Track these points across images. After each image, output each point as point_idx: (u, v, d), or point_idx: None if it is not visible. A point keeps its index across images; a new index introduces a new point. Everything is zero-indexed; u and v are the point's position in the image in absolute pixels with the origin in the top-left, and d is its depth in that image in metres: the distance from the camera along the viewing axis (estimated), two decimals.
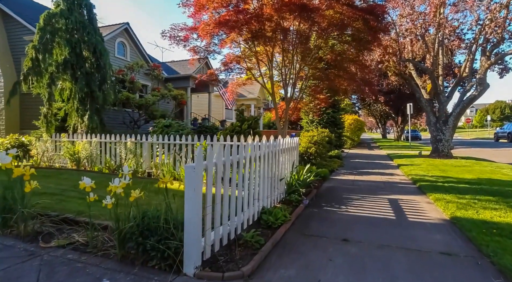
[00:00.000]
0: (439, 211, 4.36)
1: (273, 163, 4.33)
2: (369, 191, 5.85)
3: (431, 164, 10.04)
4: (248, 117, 6.78)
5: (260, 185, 3.80)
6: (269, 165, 4.12)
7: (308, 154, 8.64)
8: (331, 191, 5.90)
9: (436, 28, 11.28)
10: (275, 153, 4.42)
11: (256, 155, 3.65)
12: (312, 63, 7.00)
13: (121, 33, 13.65)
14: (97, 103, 8.66)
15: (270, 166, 4.15)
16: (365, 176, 7.82)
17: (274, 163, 4.39)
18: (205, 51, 7.07)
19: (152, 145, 7.10)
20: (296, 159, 5.74)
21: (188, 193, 2.30)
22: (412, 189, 6.16)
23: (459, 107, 11.58)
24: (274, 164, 4.38)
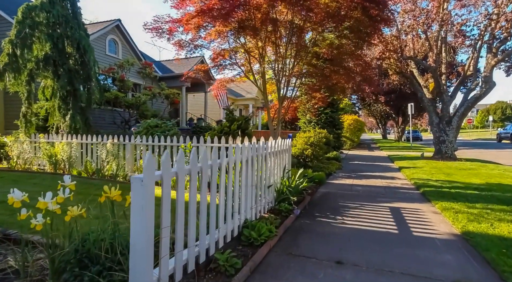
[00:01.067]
0: (448, 224, 3.85)
1: (259, 169, 3.83)
2: (368, 198, 5.35)
3: (434, 166, 9.53)
4: (238, 117, 6.28)
5: (242, 195, 3.30)
6: (254, 171, 3.62)
7: (304, 156, 8.15)
8: (326, 197, 5.40)
9: (439, 24, 10.77)
10: (262, 157, 3.92)
11: (237, 160, 3.15)
12: (305, 58, 6.45)
13: (112, 30, 13.17)
14: (81, 102, 8.16)
15: (255, 172, 3.65)
16: (365, 180, 7.32)
17: (260, 168, 3.89)
18: (191, 45, 6.57)
19: (136, 147, 6.61)
20: (288, 163, 5.24)
21: (135, 213, 1.80)
22: (416, 195, 5.65)
23: (463, 107, 11.07)
24: (260, 169, 3.88)
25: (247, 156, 3.44)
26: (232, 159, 3.04)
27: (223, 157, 2.86)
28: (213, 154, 2.79)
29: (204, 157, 2.54)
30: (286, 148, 5.12)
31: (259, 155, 3.79)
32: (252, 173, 3.56)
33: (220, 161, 2.81)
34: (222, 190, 2.84)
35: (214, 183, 2.67)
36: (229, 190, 3.00)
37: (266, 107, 7.25)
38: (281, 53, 6.32)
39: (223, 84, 7.43)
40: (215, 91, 7.38)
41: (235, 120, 6.13)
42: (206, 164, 2.54)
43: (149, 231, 1.84)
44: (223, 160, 2.85)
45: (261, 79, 7.02)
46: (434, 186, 6.24)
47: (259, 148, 3.80)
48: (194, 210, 2.37)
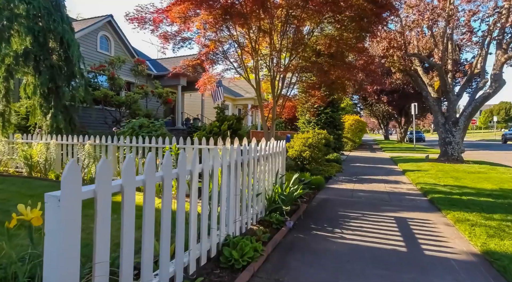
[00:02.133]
0: (464, 239, 3.32)
1: (247, 175, 3.32)
2: (371, 206, 4.82)
3: (440, 169, 8.98)
4: (229, 116, 5.78)
5: (223, 206, 2.79)
6: (239, 178, 3.11)
7: (302, 158, 7.63)
8: (324, 205, 4.87)
9: (446, 20, 10.22)
10: (250, 161, 3.41)
11: (215, 167, 2.63)
12: (302, 53, 5.89)
13: (104, 26, 12.69)
14: (64, 100, 7.67)
15: (240, 179, 3.14)
16: (367, 184, 6.79)
17: (247, 174, 3.38)
18: (177, 37, 6.05)
19: (119, 148, 6.11)
20: (282, 167, 4.72)
21: (50, 244, 1.29)
22: (423, 202, 5.12)
23: (471, 106, 10.51)
24: (247, 176, 3.37)
25: (230, 160, 2.93)
26: (208, 165, 2.53)
27: (194, 164, 2.35)
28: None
29: (172, 164, 2.03)
30: (280, 151, 4.60)
31: (245, 159, 3.28)
32: (236, 181, 3.05)
33: (191, 168, 2.30)
34: (193, 202, 2.32)
35: (181, 195, 2.15)
36: (205, 202, 2.49)
37: (259, 105, 6.71)
38: (275, 46, 5.80)
39: (211, 80, 6.90)
40: (203, 87, 6.83)
41: (226, 120, 5.61)
42: (169, 172, 2.02)
43: (74, 268, 1.34)
44: (195, 167, 2.34)
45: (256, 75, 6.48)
46: (442, 192, 5.70)
47: (246, 151, 3.29)
48: (152, 230, 1.85)
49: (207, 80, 6.78)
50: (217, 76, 6.95)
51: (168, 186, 2.00)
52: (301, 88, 7.91)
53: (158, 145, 5.71)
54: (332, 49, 5.57)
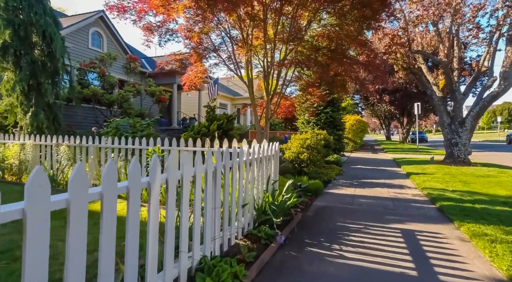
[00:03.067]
0: (485, 260, 2.83)
1: (229, 184, 2.84)
2: (374, 215, 4.33)
3: (447, 172, 8.48)
4: (219, 115, 5.31)
5: (196, 223, 2.31)
6: (218, 188, 2.63)
7: (299, 160, 7.15)
8: (322, 214, 4.39)
9: (452, 14, 9.71)
10: (233, 167, 2.94)
11: (184, 176, 2.16)
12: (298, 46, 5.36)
13: (95, 22, 12.23)
14: (48, 98, 7.21)
15: (220, 189, 2.66)
16: (368, 189, 6.30)
17: (231, 182, 2.90)
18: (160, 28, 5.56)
19: (100, 149, 5.65)
20: (274, 172, 4.23)
21: None
22: (432, 211, 4.63)
23: (478, 106, 9.99)
24: (229, 184, 2.89)
25: (207, 167, 2.45)
26: (174, 175, 2.04)
27: (154, 174, 1.86)
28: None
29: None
30: (272, 154, 4.12)
31: (227, 165, 2.80)
32: (215, 191, 2.58)
33: (149, 180, 1.82)
34: (151, 222, 1.84)
35: (133, 215, 1.67)
36: (169, 220, 2.01)
37: (252, 104, 6.22)
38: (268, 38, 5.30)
39: (198, 76, 6.39)
40: (188, 83, 6.31)
41: (216, 120, 5.14)
42: (111, 188, 1.54)
43: None
44: (155, 178, 1.86)
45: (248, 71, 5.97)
46: (452, 198, 5.21)
47: (228, 156, 2.81)
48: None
49: (193, 76, 6.28)
50: (205, 71, 6.44)
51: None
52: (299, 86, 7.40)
53: (142, 147, 5.24)
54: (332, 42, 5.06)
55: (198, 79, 6.42)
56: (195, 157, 2.39)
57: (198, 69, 6.24)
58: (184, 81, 6.60)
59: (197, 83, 6.52)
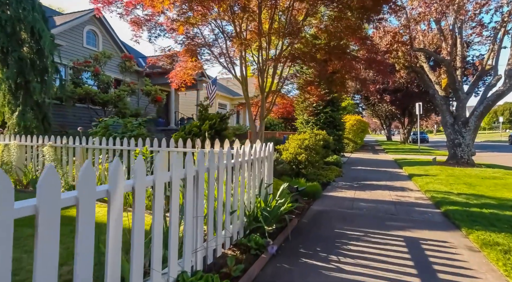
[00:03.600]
0: (498, 274, 2.55)
1: (213, 190, 2.57)
2: (375, 221, 4.06)
3: (450, 174, 8.19)
4: (211, 115, 5.04)
5: (173, 236, 2.04)
6: (200, 195, 2.36)
7: (297, 162, 6.87)
8: (319, 219, 4.11)
9: (455, 11, 9.43)
10: (221, 170, 2.67)
11: (156, 182, 1.88)
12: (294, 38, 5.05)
13: (90, 20, 11.99)
14: (37, 97, 6.96)
15: (201, 195, 2.39)
16: (369, 192, 6.03)
17: (215, 188, 2.63)
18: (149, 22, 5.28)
19: (88, 150, 5.38)
20: (268, 175, 3.96)
21: None
22: (437, 216, 4.35)
23: (483, 105, 9.70)
24: (215, 189, 2.62)
25: (187, 172, 2.18)
26: (142, 182, 1.77)
27: (115, 181, 1.59)
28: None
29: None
30: (265, 155, 3.85)
31: (212, 169, 2.53)
32: (196, 198, 2.31)
33: (110, 187, 1.55)
34: (111, 233, 1.57)
35: (83, 229, 1.40)
36: (136, 233, 1.74)
37: (247, 102, 5.93)
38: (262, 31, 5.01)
39: (187, 73, 6.08)
40: (176, 80, 5.98)
41: (208, 119, 4.87)
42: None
43: None
44: (117, 186, 1.58)
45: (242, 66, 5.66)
46: (457, 202, 4.93)
47: (213, 158, 2.54)
48: None
49: (182, 72, 5.97)
50: (196, 68, 6.11)
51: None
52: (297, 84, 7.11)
53: (129, 147, 4.97)
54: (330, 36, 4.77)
55: (187, 76, 6.10)
56: (185, 158, 2.15)
57: (187, 65, 5.93)
58: (171, 78, 6.28)
59: (187, 81, 6.20)
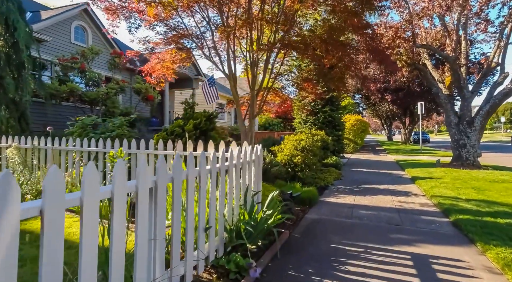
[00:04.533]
0: None
1: (178, 203, 2.09)
2: (376, 233, 3.58)
3: (456, 177, 7.72)
4: (197, 113, 4.57)
5: (114, 263, 1.56)
6: (161, 211, 1.89)
7: (293, 164, 6.40)
8: (314, 231, 3.64)
9: (460, 5, 8.95)
10: (190, 179, 2.19)
11: (86, 201, 1.40)
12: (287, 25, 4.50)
13: (79, 15, 11.50)
14: (11, 94, 6.49)
15: (161, 212, 1.91)
16: (370, 197, 5.55)
17: (183, 201, 2.16)
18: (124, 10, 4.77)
19: (61, 153, 4.91)
20: (257, 181, 3.48)
21: None
22: (446, 227, 3.87)
23: (489, 104, 9.23)
24: (182, 202, 2.15)
25: (138, 184, 1.70)
26: (55, 204, 1.29)
27: None
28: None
29: None
30: (252, 159, 3.37)
31: (178, 179, 2.06)
32: (155, 215, 1.84)
33: None
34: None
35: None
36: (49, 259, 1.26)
37: (235, 99, 5.42)
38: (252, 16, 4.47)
39: (166, 66, 5.52)
40: (156, 74, 5.43)
41: (192, 118, 4.40)
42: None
43: None
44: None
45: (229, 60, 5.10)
46: (468, 210, 4.45)
47: (179, 164, 2.07)
48: None
49: (159, 66, 5.42)
50: (178, 61, 5.57)
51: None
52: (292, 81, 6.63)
53: (106, 149, 4.50)
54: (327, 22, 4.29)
55: (167, 70, 5.55)
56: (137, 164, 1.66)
57: (164, 56, 5.40)
58: (145, 71, 5.72)
59: (167, 76, 5.66)
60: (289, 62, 6.53)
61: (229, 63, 5.09)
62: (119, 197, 1.55)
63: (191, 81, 16.76)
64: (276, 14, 4.39)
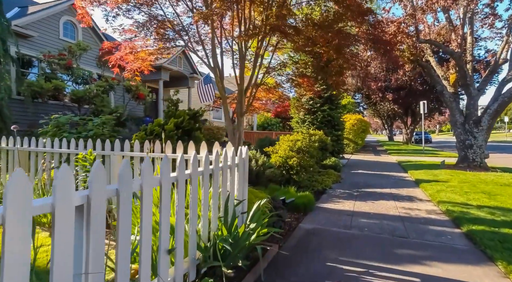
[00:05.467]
0: None
1: (125, 223, 1.63)
2: (379, 247, 3.12)
3: (463, 179, 7.25)
4: (179, 112, 4.12)
5: None
6: (99, 232, 1.43)
7: (288, 167, 5.94)
8: (308, 245, 3.18)
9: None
10: (145, 190, 1.74)
11: None
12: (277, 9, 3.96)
13: (68, 9, 11.05)
14: None
15: (98, 234, 1.45)
16: (371, 203, 5.09)
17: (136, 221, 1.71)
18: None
19: (30, 154, 4.46)
20: (240, 188, 3.01)
21: None
22: (458, 239, 3.40)
23: (497, 102, 8.75)
24: (128, 224, 1.69)
25: (55, 202, 1.24)
26: None
27: None
28: None
29: None
30: (236, 163, 2.91)
31: (125, 191, 1.60)
32: (88, 240, 1.38)
33: None
34: None
35: None
36: None
37: (221, 95, 4.91)
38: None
39: (139, 57, 4.93)
40: (128, 70, 4.85)
41: (174, 116, 3.94)
42: None
43: None
44: None
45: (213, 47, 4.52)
46: (481, 219, 3.99)
47: (127, 172, 1.61)
48: None
49: (129, 56, 4.82)
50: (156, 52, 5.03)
51: None
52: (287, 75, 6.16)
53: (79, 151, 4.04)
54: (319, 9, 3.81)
55: (140, 61, 4.95)
56: None
57: (133, 45, 4.86)
58: (112, 61, 5.16)
59: (143, 68, 5.13)
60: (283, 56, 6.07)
61: (213, 52, 4.55)
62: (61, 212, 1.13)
63: (187, 79, 16.32)
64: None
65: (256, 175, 5.60)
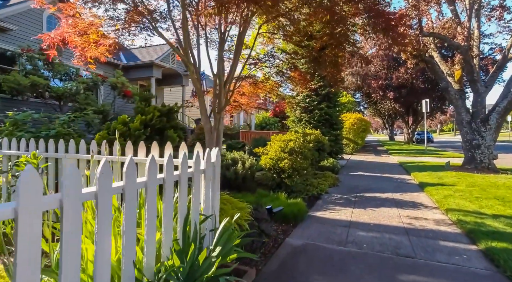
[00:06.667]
0: None
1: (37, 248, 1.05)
2: (380, 272, 2.55)
3: (471, 183, 6.66)
4: (148, 108, 3.56)
5: None
6: None
7: (279, 169, 5.37)
8: (293, 268, 2.60)
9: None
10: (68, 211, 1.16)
11: None
12: None
13: (52, 2, 10.48)
14: None
15: None
16: (371, 211, 4.52)
17: None
18: None
19: None
20: (208, 200, 2.42)
21: None
22: (476, 261, 2.82)
23: (507, 99, 8.16)
24: None
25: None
26: None
27: None
28: None
29: None
30: (201, 169, 2.33)
31: (22, 210, 1.03)
32: None
33: None
34: None
35: None
36: None
37: (196, 88, 4.30)
38: None
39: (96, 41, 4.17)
40: (56, 39, 3.98)
41: (143, 113, 3.37)
42: None
43: None
44: None
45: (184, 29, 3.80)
46: (500, 232, 3.41)
47: None
48: None
49: (74, 38, 4.14)
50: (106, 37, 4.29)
51: None
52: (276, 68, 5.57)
53: (29, 153, 3.47)
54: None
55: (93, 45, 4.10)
56: None
57: (76, 21, 4.18)
58: (47, 41, 4.41)
59: (98, 54, 4.25)
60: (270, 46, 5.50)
61: (185, 34, 3.87)
62: None
63: (181, 77, 15.75)
64: None
65: (243, 179, 5.03)
